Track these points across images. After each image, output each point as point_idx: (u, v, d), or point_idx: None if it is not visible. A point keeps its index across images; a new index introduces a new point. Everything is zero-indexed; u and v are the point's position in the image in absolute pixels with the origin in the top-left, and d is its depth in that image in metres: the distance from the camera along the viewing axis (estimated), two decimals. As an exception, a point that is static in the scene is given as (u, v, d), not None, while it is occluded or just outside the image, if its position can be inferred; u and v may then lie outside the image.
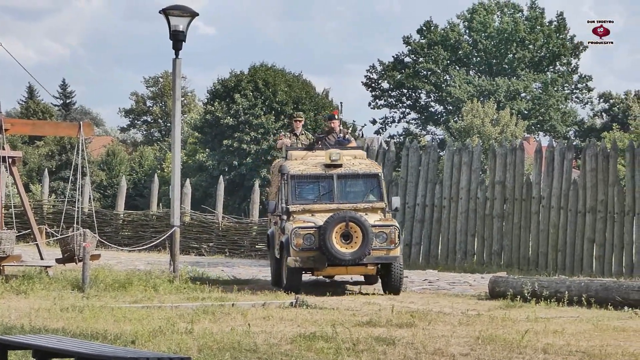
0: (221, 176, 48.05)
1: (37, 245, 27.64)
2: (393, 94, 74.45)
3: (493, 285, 23.95)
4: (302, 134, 26.97)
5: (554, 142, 35.06)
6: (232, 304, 20.64)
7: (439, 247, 35.31)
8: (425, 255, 35.27)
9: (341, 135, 26.56)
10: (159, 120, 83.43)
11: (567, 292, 22.41)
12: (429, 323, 18.17)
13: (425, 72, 72.27)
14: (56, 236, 29.89)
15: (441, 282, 28.09)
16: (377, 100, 74.94)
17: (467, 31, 72.70)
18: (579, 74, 76.20)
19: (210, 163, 66.59)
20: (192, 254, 38.18)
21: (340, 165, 24.74)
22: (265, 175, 64.83)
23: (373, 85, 74.92)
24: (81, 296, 22.62)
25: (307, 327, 17.31)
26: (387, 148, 37.32)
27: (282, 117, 67.20)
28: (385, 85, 74.32)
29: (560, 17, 72.68)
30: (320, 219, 23.82)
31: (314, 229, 23.55)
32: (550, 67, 73.61)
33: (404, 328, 17.43)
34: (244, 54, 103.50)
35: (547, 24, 72.33)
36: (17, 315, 18.38)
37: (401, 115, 74.57)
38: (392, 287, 23.92)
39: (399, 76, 73.41)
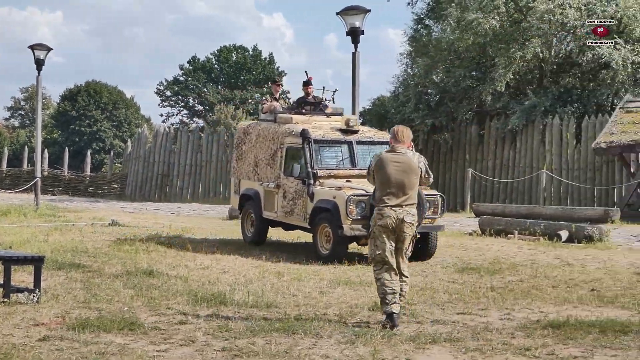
0: (67, 147, 46.86)
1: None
2: (173, 99, 73.27)
3: (230, 211, 23.84)
4: (281, 98, 17.76)
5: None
6: (73, 224, 20.06)
7: (200, 188, 35.22)
8: (192, 194, 35.12)
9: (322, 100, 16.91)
10: (29, 113, 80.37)
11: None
12: (193, 234, 18.06)
13: (192, 86, 71.55)
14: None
15: (201, 210, 27.92)
16: (163, 102, 73.61)
17: (217, 62, 72.22)
18: (282, 89, 76.77)
19: (61, 139, 65.33)
20: (48, 194, 37.05)
21: (356, 131, 15.45)
22: (95, 147, 63.47)
23: (161, 93, 73.55)
24: (-22, 220, 21.70)
25: (119, 237, 16.93)
26: (168, 131, 37.29)
27: (106, 112, 66.40)
28: (168, 93, 73.09)
29: (270, 55, 73.30)
30: (360, 185, 14.22)
31: (365, 197, 13.89)
32: (265, 85, 73.70)
33: (177, 237, 17.25)
34: (82, 74, 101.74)
35: (264, 59, 72.58)
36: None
37: (177, 112, 73.51)
38: (429, 253, 14.63)
39: (176, 88, 72.34)
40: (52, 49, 26.77)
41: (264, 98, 17.64)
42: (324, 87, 16.46)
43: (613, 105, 27.39)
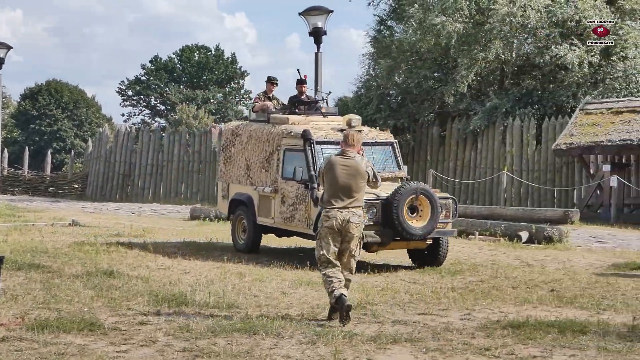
0: (27, 147, 46.41)
1: None
2: (135, 98, 72.81)
3: (192, 212, 23.88)
4: (274, 98, 15.98)
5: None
6: (32, 224, 19.85)
7: (162, 188, 34.98)
8: (153, 194, 34.89)
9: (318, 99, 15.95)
10: (-12, 112, 79.77)
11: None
12: (153, 234, 17.96)
13: (154, 86, 71.14)
14: None
15: (162, 211, 27.80)
16: (125, 102, 73.12)
17: (179, 62, 71.89)
18: (244, 89, 76.62)
19: (21, 139, 64.63)
20: (8, 194, 36.65)
21: (358, 132, 13.16)
22: (56, 147, 62.98)
23: (122, 93, 73.06)
24: None
25: (79, 237, 16.80)
26: (130, 131, 37.06)
27: (67, 111, 65.70)
28: (130, 92, 72.63)
29: (233, 55, 73.04)
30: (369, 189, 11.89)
31: (377, 202, 12.88)
32: (228, 85, 73.50)
33: (138, 237, 17.15)
34: (42, 72, 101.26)
35: (226, 59, 72.37)
36: None
37: (139, 111, 73.04)
38: (439, 260, 13.68)
39: (138, 88, 71.91)
40: (12, 47, 26.65)
41: (256, 96, 16.29)
42: (316, 89, 16.07)
43: (573, 107, 27.67)
